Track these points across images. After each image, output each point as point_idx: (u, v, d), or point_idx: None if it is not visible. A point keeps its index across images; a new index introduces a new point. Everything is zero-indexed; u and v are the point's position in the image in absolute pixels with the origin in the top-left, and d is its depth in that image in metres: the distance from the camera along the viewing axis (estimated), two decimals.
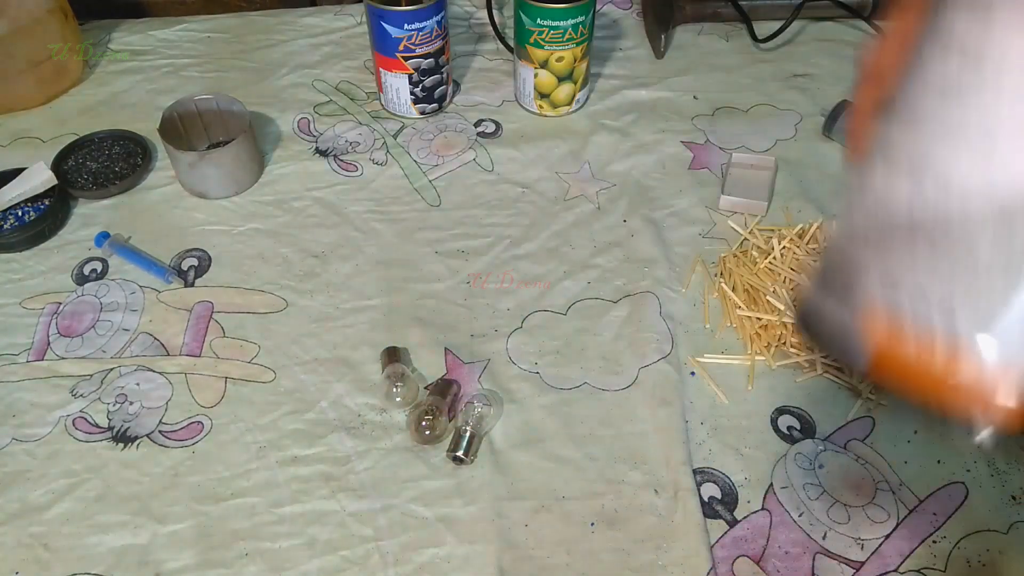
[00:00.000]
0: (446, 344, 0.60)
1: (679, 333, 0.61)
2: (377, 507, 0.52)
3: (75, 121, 0.79)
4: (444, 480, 0.53)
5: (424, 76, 0.75)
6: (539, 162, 0.74)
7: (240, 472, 0.53)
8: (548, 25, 0.71)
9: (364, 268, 0.66)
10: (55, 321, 0.62)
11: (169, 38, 0.88)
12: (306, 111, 0.80)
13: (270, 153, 0.76)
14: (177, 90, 0.81)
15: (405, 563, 0.49)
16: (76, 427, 0.56)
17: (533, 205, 0.70)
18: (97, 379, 0.59)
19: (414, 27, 0.71)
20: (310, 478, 0.53)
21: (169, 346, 0.60)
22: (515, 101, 0.81)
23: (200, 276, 0.65)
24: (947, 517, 0.51)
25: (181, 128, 0.73)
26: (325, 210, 0.70)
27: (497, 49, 0.87)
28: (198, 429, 0.56)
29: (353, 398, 0.57)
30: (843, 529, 0.50)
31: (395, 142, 0.76)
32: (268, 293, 0.64)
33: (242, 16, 0.92)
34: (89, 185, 0.71)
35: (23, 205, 0.69)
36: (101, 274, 0.66)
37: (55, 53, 0.79)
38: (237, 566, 0.49)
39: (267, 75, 0.84)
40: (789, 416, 0.56)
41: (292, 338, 0.61)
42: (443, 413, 0.55)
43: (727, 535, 0.50)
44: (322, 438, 0.55)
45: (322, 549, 0.50)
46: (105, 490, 0.53)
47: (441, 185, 0.72)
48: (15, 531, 0.51)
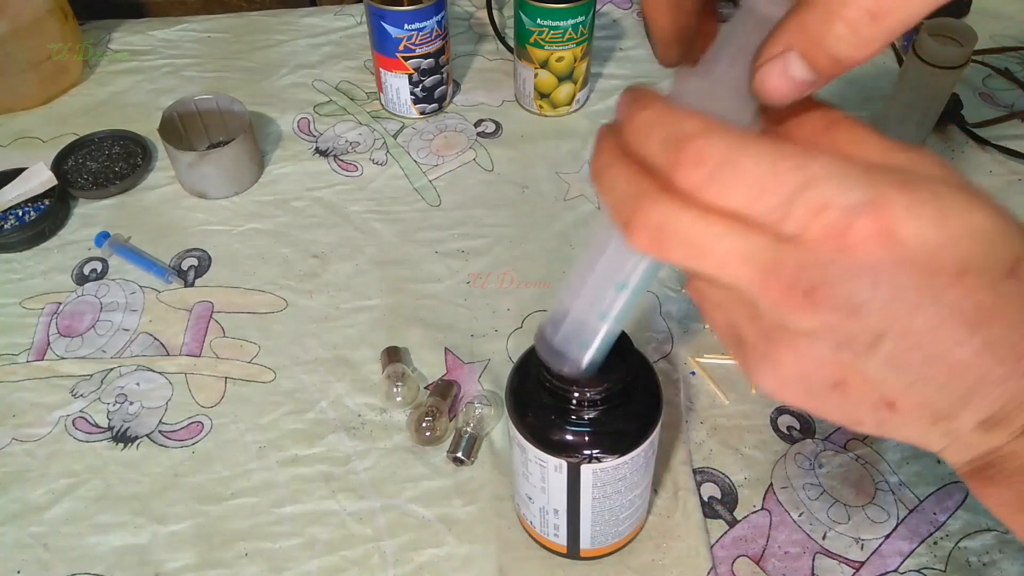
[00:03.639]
0: (446, 344, 0.60)
1: (679, 333, 0.61)
2: (377, 507, 0.52)
3: (75, 121, 0.79)
4: (444, 480, 0.53)
5: (424, 76, 0.75)
6: (539, 162, 0.74)
7: (240, 472, 0.53)
8: (548, 25, 0.71)
9: (364, 268, 0.66)
10: (55, 321, 0.62)
11: (169, 38, 0.88)
12: (306, 111, 0.80)
13: (270, 153, 0.76)
14: (177, 90, 0.81)
15: (405, 563, 0.49)
16: (76, 427, 0.56)
17: (533, 205, 0.70)
18: (97, 379, 0.59)
19: (414, 27, 0.71)
20: (310, 478, 0.53)
21: (169, 346, 0.61)
22: (515, 101, 0.81)
23: (200, 276, 0.65)
24: (947, 517, 0.51)
25: (181, 128, 0.73)
26: (325, 210, 0.70)
27: (497, 49, 0.87)
28: (198, 429, 0.56)
29: (353, 398, 0.57)
30: (843, 529, 0.50)
31: (395, 142, 0.77)
32: (268, 293, 0.64)
33: (242, 16, 0.92)
34: (89, 185, 0.71)
35: (23, 205, 0.69)
36: (101, 274, 0.66)
37: (55, 53, 0.78)
38: (237, 566, 0.49)
39: (267, 75, 0.84)
40: (789, 416, 0.56)
41: (292, 338, 0.61)
42: (443, 414, 0.55)
43: (727, 535, 0.50)
44: (322, 438, 0.55)
45: (322, 549, 0.50)
46: (105, 490, 0.53)
47: (441, 185, 0.72)
48: (15, 531, 0.51)
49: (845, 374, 0.23)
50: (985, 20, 0.84)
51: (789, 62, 0.23)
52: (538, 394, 0.41)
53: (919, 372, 0.23)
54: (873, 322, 0.22)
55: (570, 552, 0.47)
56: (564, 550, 0.47)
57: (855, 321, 0.22)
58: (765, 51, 0.23)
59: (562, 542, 0.46)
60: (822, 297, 0.22)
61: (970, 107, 0.76)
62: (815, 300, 0.22)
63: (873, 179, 0.21)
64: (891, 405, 0.24)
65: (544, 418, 0.41)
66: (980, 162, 0.74)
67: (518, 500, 0.48)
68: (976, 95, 0.80)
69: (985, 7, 0.87)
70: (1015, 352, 0.22)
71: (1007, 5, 0.89)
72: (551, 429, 0.41)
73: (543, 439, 0.41)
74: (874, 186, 0.21)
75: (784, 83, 0.23)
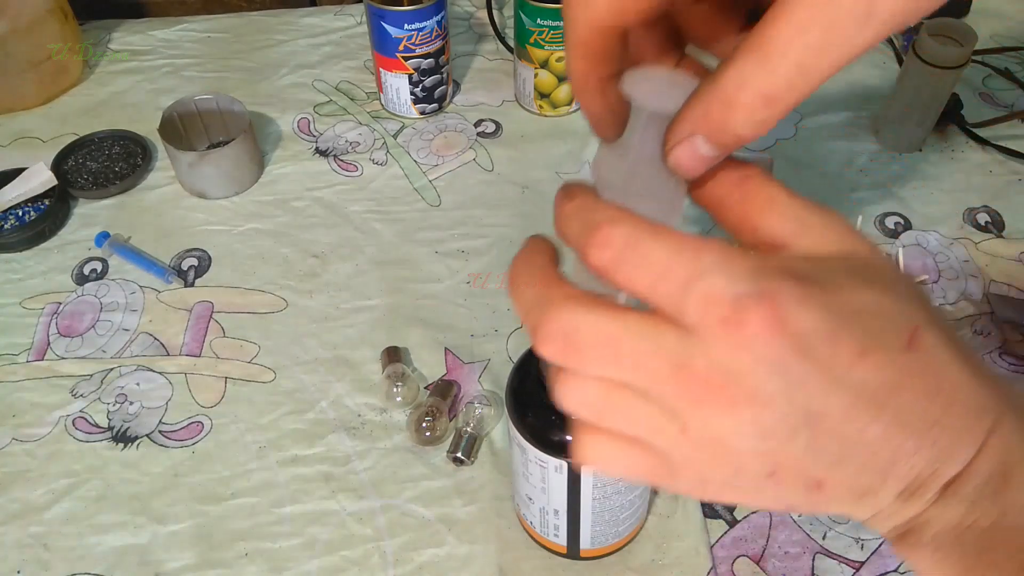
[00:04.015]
0: (446, 344, 0.60)
1: None
2: (377, 507, 0.52)
3: (75, 121, 0.79)
4: (444, 480, 0.53)
5: (424, 76, 0.75)
6: (539, 162, 0.74)
7: (240, 472, 0.54)
8: (548, 25, 0.71)
9: (364, 268, 0.66)
10: (55, 321, 0.62)
11: (169, 38, 0.88)
12: (306, 111, 0.80)
13: (270, 153, 0.76)
14: (177, 90, 0.81)
15: (405, 563, 0.49)
16: (76, 427, 0.56)
17: (533, 205, 0.70)
18: (97, 379, 0.59)
19: (414, 27, 0.71)
20: (310, 478, 0.53)
21: (169, 346, 0.61)
22: (515, 101, 0.81)
23: (200, 276, 0.65)
24: None
25: (181, 128, 0.73)
26: (325, 210, 0.70)
27: (497, 49, 0.87)
28: (198, 429, 0.56)
29: (353, 398, 0.57)
30: (843, 529, 0.50)
31: (395, 142, 0.77)
32: (268, 293, 0.64)
33: (242, 16, 0.92)
34: (89, 185, 0.71)
35: (23, 205, 0.69)
36: (101, 274, 0.66)
37: (55, 53, 0.78)
38: (237, 566, 0.49)
39: (267, 75, 0.84)
40: None
41: (292, 338, 0.61)
42: (443, 414, 0.55)
43: (727, 535, 0.50)
44: (322, 438, 0.55)
45: (322, 549, 0.50)
46: (105, 490, 0.53)
47: (441, 185, 0.72)
48: (15, 531, 0.51)
49: (776, 463, 0.24)
50: (985, 20, 0.84)
51: (696, 144, 0.25)
52: (538, 394, 0.40)
53: (839, 453, 0.23)
54: (787, 410, 0.22)
55: (570, 552, 0.47)
56: (564, 550, 0.47)
57: (770, 412, 0.22)
58: (673, 135, 0.26)
59: (562, 542, 0.46)
60: (734, 390, 0.22)
61: (970, 107, 0.76)
62: (729, 393, 0.22)
63: (762, 271, 0.22)
64: (820, 485, 0.24)
65: (544, 418, 0.41)
66: (980, 162, 0.74)
67: (518, 500, 0.48)
68: (976, 95, 0.80)
69: (985, 7, 0.87)
70: (924, 423, 0.23)
71: (1007, 5, 0.89)
72: (551, 429, 0.41)
73: (543, 439, 0.41)
74: (763, 278, 0.22)
75: (695, 161, 0.25)
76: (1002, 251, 0.66)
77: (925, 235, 0.68)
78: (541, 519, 0.46)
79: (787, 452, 0.24)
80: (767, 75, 0.23)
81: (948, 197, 0.71)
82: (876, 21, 0.23)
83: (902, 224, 0.69)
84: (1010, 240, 0.67)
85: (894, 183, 0.72)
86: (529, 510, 0.46)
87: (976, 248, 0.67)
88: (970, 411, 0.24)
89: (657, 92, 0.27)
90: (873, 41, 0.23)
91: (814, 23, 0.23)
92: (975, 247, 0.67)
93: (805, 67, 0.23)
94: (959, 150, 0.75)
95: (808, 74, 0.23)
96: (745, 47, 0.24)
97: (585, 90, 0.28)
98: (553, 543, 0.47)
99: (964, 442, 0.24)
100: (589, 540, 0.46)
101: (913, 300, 0.24)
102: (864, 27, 0.23)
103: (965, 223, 0.69)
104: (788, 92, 0.23)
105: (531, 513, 0.46)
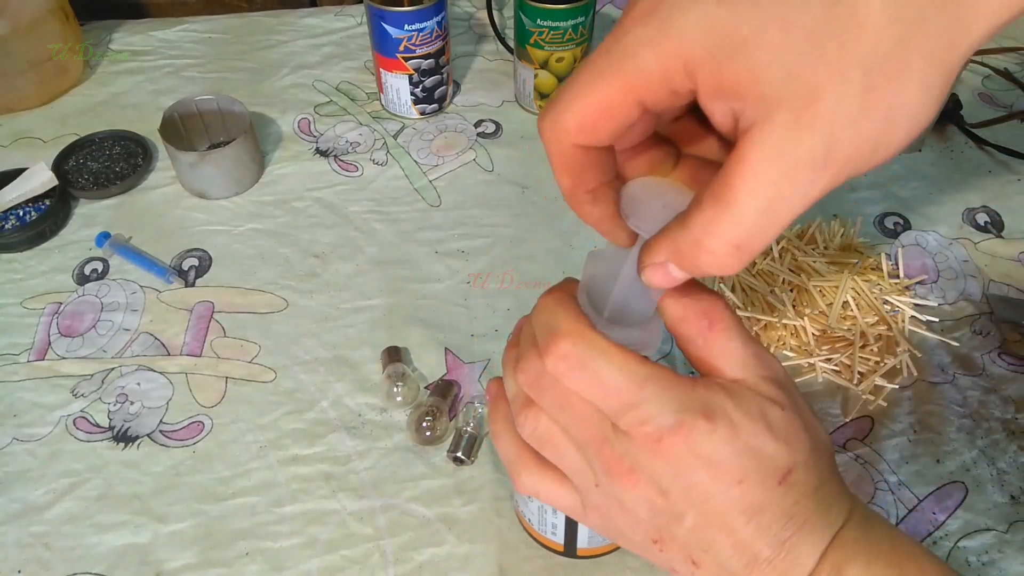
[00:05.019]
0: (446, 344, 0.60)
1: None
2: (377, 506, 0.52)
3: (76, 121, 0.79)
4: (444, 480, 0.53)
5: (424, 76, 0.75)
6: (539, 162, 0.74)
7: (241, 472, 0.54)
8: (548, 26, 0.71)
9: (364, 268, 0.66)
10: (56, 321, 0.62)
11: (170, 38, 0.88)
12: (306, 111, 0.80)
13: (270, 153, 0.76)
14: (178, 90, 0.82)
15: (405, 562, 0.49)
16: (77, 427, 0.56)
17: (533, 205, 0.70)
18: (98, 379, 0.59)
19: (414, 28, 0.71)
20: (310, 478, 0.53)
21: (170, 346, 0.61)
22: (515, 101, 0.81)
23: (201, 276, 0.65)
24: (946, 517, 0.51)
25: (182, 128, 0.73)
26: (325, 210, 0.70)
27: (497, 49, 0.87)
28: (199, 429, 0.56)
29: (353, 398, 0.57)
30: None
31: (395, 142, 0.77)
32: (268, 293, 0.64)
33: (243, 17, 0.92)
34: (90, 185, 0.71)
35: (24, 205, 0.69)
36: (102, 274, 0.66)
37: (55, 53, 0.79)
38: (237, 565, 0.49)
39: (267, 75, 0.84)
40: None
41: (292, 338, 0.61)
42: (443, 414, 0.55)
43: None
44: (322, 438, 0.55)
45: (322, 548, 0.50)
46: (106, 490, 0.53)
47: (441, 185, 0.73)
48: (16, 531, 0.51)
49: (661, 535, 0.32)
50: None
51: (668, 268, 0.28)
52: None
53: (712, 544, 0.31)
54: (678, 502, 0.31)
55: (568, 550, 0.47)
56: (561, 548, 0.47)
57: (664, 499, 0.31)
58: (648, 258, 0.29)
59: (560, 540, 0.46)
60: (639, 476, 0.31)
61: (969, 107, 0.76)
62: (635, 477, 0.31)
63: (687, 407, 0.30)
64: (696, 563, 0.32)
65: None
66: (980, 162, 0.74)
67: (517, 497, 0.48)
68: (975, 95, 0.80)
69: None
70: (778, 540, 0.30)
71: None
72: None
73: None
74: (686, 413, 0.30)
75: (666, 280, 0.29)
76: (1001, 251, 0.67)
77: (924, 235, 0.68)
78: (539, 516, 0.46)
79: (671, 531, 0.32)
80: (733, 225, 0.25)
81: (947, 197, 0.71)
82: (833, 166, 0.24)
83: (901, 224, 0.69)
84: (1009, 240, 0.67)
85: (893, 183, 0.72)
86: (528, 508, 0.46)
87: (975, 248, 0.67)
88: (816, 531, 0.31)
89: (650, 216, 0.30)
90: (831, 185, 0.24)
91: (772, 169, 0.24)
92: (974, 247, 0.67)
93: (768, 213, 0.25)
94: (958, 150, 0.75)
95: (772, 221, 0.25)
96: (711, 192, 0.25)
97: (574, 203, 0.31)
98: (551, 541, 0.47)
99: (808, 553, 0.30)
100: (587, 539, 0.46)
101: (801, 444, 0.31)
102: (822, 172, 0.24)
103: (964, 223, 0.69)
104: (753, 239, 0.25)
105: (529, 510, 0.46)
